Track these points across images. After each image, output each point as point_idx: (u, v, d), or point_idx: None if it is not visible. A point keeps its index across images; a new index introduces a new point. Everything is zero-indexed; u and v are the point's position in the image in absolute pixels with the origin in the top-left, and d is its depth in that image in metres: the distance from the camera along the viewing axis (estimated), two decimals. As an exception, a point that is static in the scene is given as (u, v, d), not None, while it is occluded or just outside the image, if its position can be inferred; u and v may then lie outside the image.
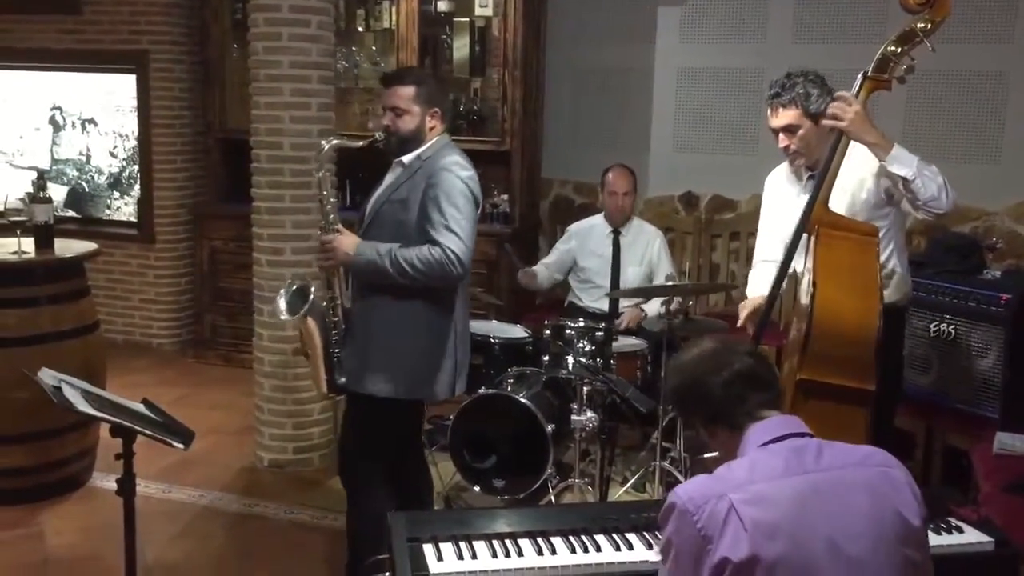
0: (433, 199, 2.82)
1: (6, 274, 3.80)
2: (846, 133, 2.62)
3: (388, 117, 2.96)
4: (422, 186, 2.86)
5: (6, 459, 3.80)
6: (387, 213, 2.94)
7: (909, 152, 2.63)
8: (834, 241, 2.54)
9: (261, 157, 4.22)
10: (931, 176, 2.60)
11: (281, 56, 4.11)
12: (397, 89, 2.95)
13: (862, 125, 2.60)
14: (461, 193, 2.84)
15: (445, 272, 2.79)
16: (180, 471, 4.21)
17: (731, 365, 1.78)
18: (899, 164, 2.60)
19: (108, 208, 6.40)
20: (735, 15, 5.35)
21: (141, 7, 5.95)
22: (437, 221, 2.81)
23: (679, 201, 5.65)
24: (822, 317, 2.42)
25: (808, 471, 1.65)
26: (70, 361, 3.67)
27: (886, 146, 2.62)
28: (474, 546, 2.11)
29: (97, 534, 3.63)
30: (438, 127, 2.99)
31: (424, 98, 2.94)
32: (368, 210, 3.02)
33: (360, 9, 5.63)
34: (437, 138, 2.98)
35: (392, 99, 2.95)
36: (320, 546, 3.63)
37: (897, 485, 1.67)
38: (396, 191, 2.94)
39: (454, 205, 2.81)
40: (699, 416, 1.84)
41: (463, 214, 2.83)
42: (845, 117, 2.59)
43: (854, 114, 2.58)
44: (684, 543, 1.62)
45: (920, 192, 2.60)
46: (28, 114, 6.43)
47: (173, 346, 6.26)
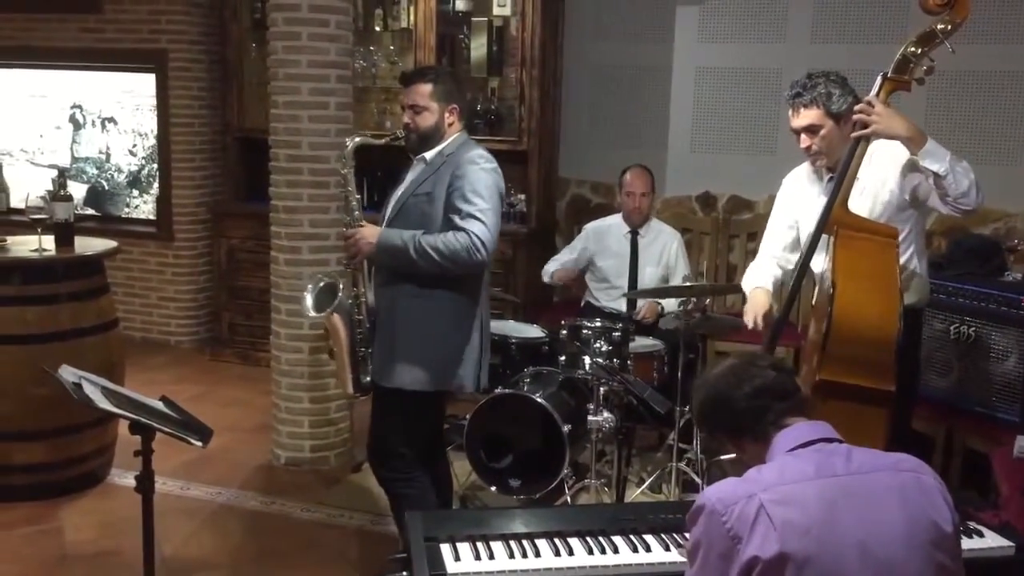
0: (458, 189, 2.86)
1: (27, 271, 3.83)
2: (878, 135, 2.60)
3: (408, 115, 3.00)
4: (447, 179, 2.90)
5: (26, 455, 3.83)
6: (412, 206, 2.97)
7: (942, 147, 2.61)
8: (854, 242, 2.53)
9: (279, 156, 4.24)
10: (963, 172, 2.59)
11: (300, 55, 4.12)
12: (416, 87, 2.98)
13: (890, 122, 2.59)
14: (486, 184, 2.88)
15: (469, 257, 2.81)
16: (197, 468, 4.23)
17: (753, 378, 1.80)
18: (932, 158, 2.58)
19: (127, 206, 6.44)
20: (754, 15, 5.32)
21: (161, 6, 5.99)
22: (462, 209, 2.84)
23: (696, 201, 5.63)
24: (841, 318, 2.41)
25: (838, 474, 1.65)
26: (90, 358, 3.70)
27: (919, 140, 2.61)
28: (491, 546, 2.11)
29: (115, 530, 3.65)
30: (456, 123, 3.03)
31: (442, 95, 2.98)
32: (391, 206, 3.05)
33: (378, 8, 5.64)
34: (457, 135, 3.02)
35: (411, 97, 2.99)
36: (337, 544, 3.64)
37: (929, 491, 1.67)
38: (420, 185, 2.98)
39: (479, 195, 2.85)
40: (725, 430, 1.86)
41: (488, 203, 2.86)
42: (871, 120, 2.58)
43: (879, 115, 2.57)
44: (713, 544, 1.63)
45: (951, 188, 2.58)
46: (49, 112, 6.48)
47: (191, 344, 6.30)
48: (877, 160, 2.73)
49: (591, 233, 4.79)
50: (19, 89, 6.54)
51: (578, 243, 4.83)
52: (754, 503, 1.59)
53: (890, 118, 2.59)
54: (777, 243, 3.14)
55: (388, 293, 2.99)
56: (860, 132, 2.63)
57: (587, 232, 4.82)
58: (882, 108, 2.58)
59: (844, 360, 2.40)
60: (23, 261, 3.85)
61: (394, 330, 2.95)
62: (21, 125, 6.58)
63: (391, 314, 2.97)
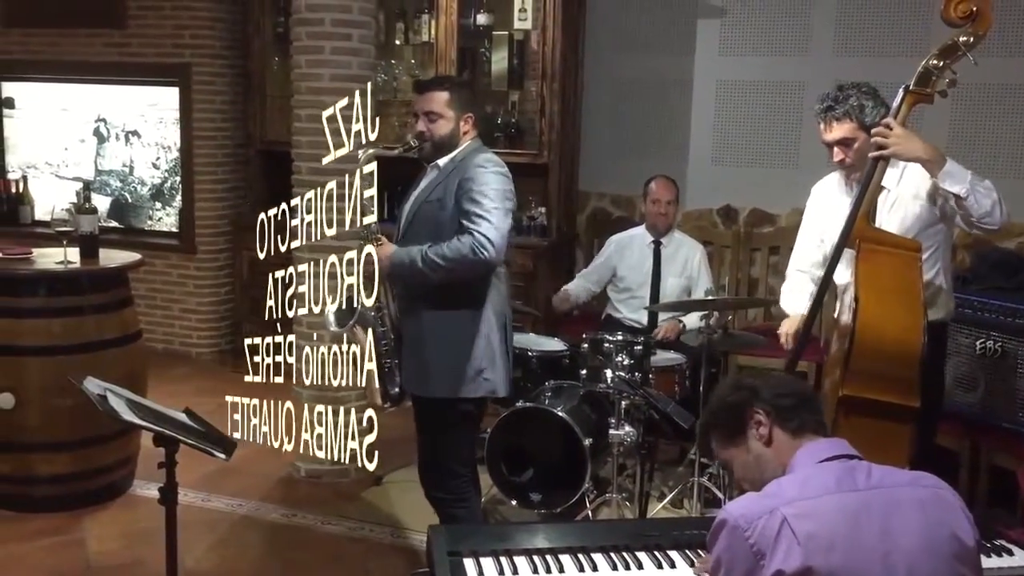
0: (466, 192, 2.85)
1: (53, 283, 3.86)
2: (895, 157, 2.58)
3: (422, 122, 2.97)
4: (456, 184, 2.89)
5: (50, 466, 3.85)
6: (424, 214, 2.97)
7: (963, 167, 2.58)
8: (877, 256, 2.51)
9: (302, 169, 4.26)
10: (985, 192, 2.56)
11: (323, 69, 4.15)
12: (432, 94, 2.97)
13: (908, 145, 2.57)
14: (492, 185, 2.86)
15: (476, 257, 2.79)
16: (219, 480, 4.24)
17: (784, 383, 1.85)
18: (952, 180, 2.56)
19: (150, 219, 6.49)
20: (776, 28, 5.32)
21: (185, 21, 6.04)
22: (469, 211, 2.83)
23: (718, 214, 5.61)
24: (865, 333, 2.38)
25: (859, 489, 1.66)
26: (113, 369, 3.72)
27: (938, 161, 2.58)
28: (515, 561, 2.10)
29: (138, 541, 3.66)
30: (471, 132, 3.01)
31: (458, 103, 2.97)
32: (405, 213, 3.05)
33: (399, 23, 5.67)
34: (470, 142, 3.00)
35: (427, 104, 2.97)
36: (358, 557, 3.63)
37: (949, 506, 1.67)
38: (432, 192, 2.97)
39: (485, 196, 2.83)
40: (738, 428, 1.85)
41: (494, 203, 2.83)
42: (889, 143, 2.56)
43: (896, 137, 2.55)
44: (736, 560, 1.63)
45: (973, 208, 2.56)
46: (73, 126, 6.55)
47: (212, 355, 6.32)
48: (909, 174, 2.71)
49: (614, 244, 4.79)
50: (44, 103, 6.62)
51: (602, 254, 4.83)
52: (777, 517, 1.60)
53: (908, 140, 2.57)
54: (807, 256, 3.12)
55: (409, 306, 3.00)
56: (877, 154, 2.62)
57: (610, 243, 4.82)
58: (900, 130, 2.56)
59: (868, 375, 2.37)
60: (49, 273, 3.88)
61: (422, 341, 2.96)
62: (46, 138, 6.65)
63: (416, 326, 2.98)
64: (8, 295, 3.82)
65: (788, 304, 3.20)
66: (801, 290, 3.15)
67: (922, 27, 4.85)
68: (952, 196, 2.58)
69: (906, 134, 2.56)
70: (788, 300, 3.21)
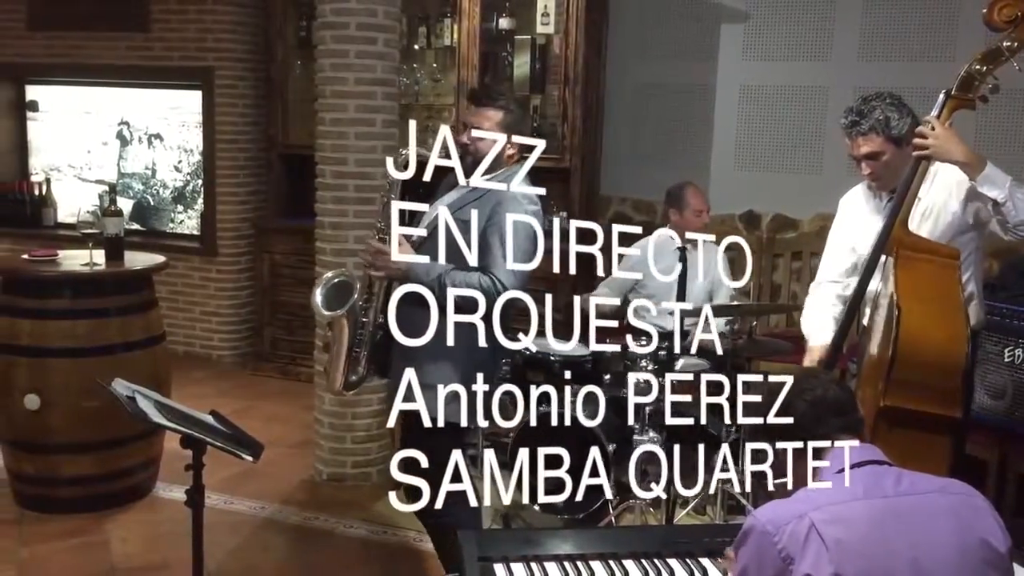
0: (496, 226, 2.73)
1: (78, 285, 3.88)
2: (934, 158, 2.56)
3: (468, 135, 2.85)
4: (487, 212, 2.76)
5: (74, 467, 3.87)
6: (448, 229, 2.88)
7: (1003, 172, 2.56)
8: (915, 264, 2.48)
9: (326, 173, 4.27)
10: (1023, 198, 2.53)
11: (347, 73, 4.16)
12: (486, 111, 2.87)
13: (948, 146, 2.54)
14: (523, 228, 2.64)
15: (490, 302, 2.68)
16: (240, 483, 4.24)
17: (814, 389, 1.82)
18: (990, 185, 2.53)
19: (172, 221, 6.52)
20: (799, 32, 5.30)
21: (208, 24, 6.07)
22: (495, 251, 2.71)
23: (740, 220, 5.59)
24: (907, 342, 2.35)
25: (887, 496, 1.65)
26: (138, 371, 3.72)
27: (978, 165, 2.55)
28: (545, 567, 2.09)
29: (162, 543, 3.67)
30: (515, 156, 2.90)
31: (510, 124, 2.86)
32: (426, 221, 2.97)
33: (422, 27, 5.69)
34: (513, 167, 2.84)
35: (478, 119, 2.87)
36: (382, 561, 3.63)
37: (980, 513, 1.67)
38: (460, 211, 2.80)
39: (515, 239, 2.66)
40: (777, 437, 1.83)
41: (521, 250, 2.62)
42: (928, 143, 2.53)
43: (936, 138, 2.52)
44: (764, 565, 1.63)
45: (1011, 215, 2.52)
46: (96, 129, 6.59)
47: (233, 358, 6.34)
48: (940, 180, 2.69)
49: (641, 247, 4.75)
50: (68, 106, 6.67)
51: (624, 265, 4.79)
52: (805, 523, 1.60)
53: (948, 141, 2.54)
54: (836, 267, 3.07)
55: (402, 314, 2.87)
56: (918, 153, 2.59)
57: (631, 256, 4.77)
58: (941, 131, 2.53)
59: (910, 386, 2.35)
60: (74, 275, 3.90)
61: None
62: (69, 141, 6.69)
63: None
64: (34, 297, 3.84)
65: (811, 328, 3.07)
66: (825, 310, 3.04)
67: (948, 31, 4.82)
68: (990, 201, 2.55)
69: (947, 135, 2.54)
70: (811, 323, 3.08)
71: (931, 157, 2.57)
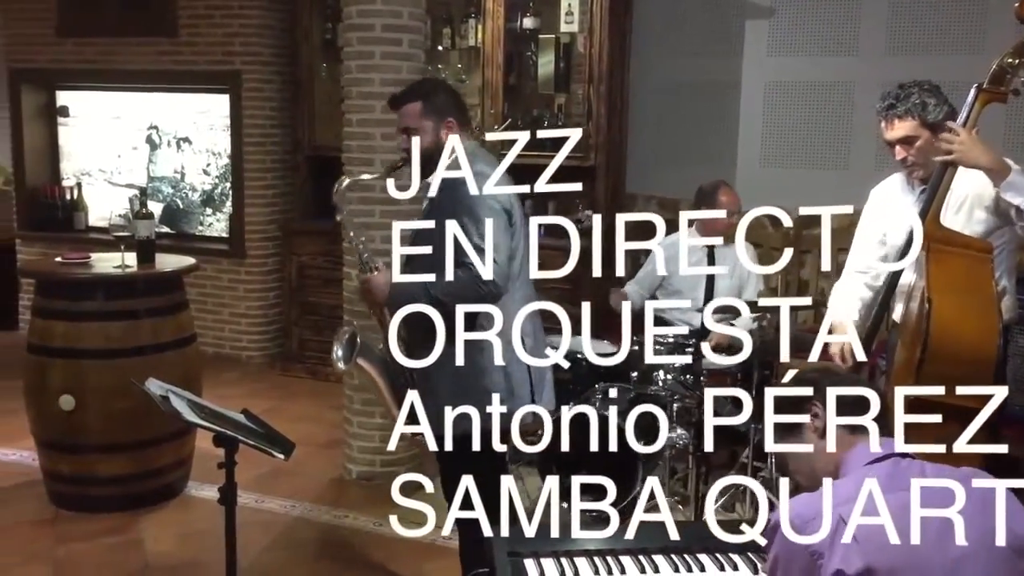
0: (456, 217, 2.54)
1: (111, 287, 3.94)
2: (959, 163, 2.54)
3: (403, 139, 2.85)
4: (442, 207, 2.63)
5: (109, 467, 3.92)
6: (422, 239, 2.61)
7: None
8: (948, 257, 2.46)
9: (352, 173, 4.29)
10: None
11: (373, 74, 4.18)
12: (404, 108, 2.86)
13: (972, 152, 2.53)
14: (481, 205, 2.67)
15: (477, 289, 2.65)
16: (271, 482, 4.28)
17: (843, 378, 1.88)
18: (1014, 192, 2.50)
19: (201, 224, 6.59)
20: (826, 27, 5.26)
21: (235, 29, 6.13)
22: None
23: (766, 217, 5.55)
24: (939, 336, 2.34)
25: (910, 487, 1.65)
26: (170, 372, 3.75)
27: (1002, 171, 2.53)
28: (576, 563, 2.10)
29: (195, 541, 3.72)
30: (457, 136, 2.78)
31: (434, 110, 2.83)
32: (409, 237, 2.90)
33: (446, 28, 5.71)
34: (455, 148, 2.60)
35: (402, 120, 2.86)
36: (412, 559, 3.64)
37: (1006, 502, 1.67)
38: (428, 214, 2.81)
39: (476, 220, 2.64)
40: None
41: (486, 226, 2.59)
42: (953, 148, 2.52)
43: (960, 144, 2.51)
44: (793, 560, 1.64)
45: None
46: (126, 133, 6.68)
47: (262, 359, 6.40)
48: (975, 175, 2.67)
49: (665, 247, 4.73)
50: (98, 111, 6.76)
51: (651, 261, 4.78)
52: (833, 517, 1.60)
53: (973, 147, 2.53)
54: (865, 257, 3.06)
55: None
56: (943, 158, 2.58)
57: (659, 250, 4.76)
58: (966, 136, 2.52)
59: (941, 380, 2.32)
60: (107, 277, 3.95)
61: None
62: (100, 146, 6.78)
63: None
64: (68, 299, 3.90)
65: (836, 305, 3.10)
66: (852, 296, 3.06)
67: (978, 24, 4.77)
68: (1013, 208, 2.53)
69: (971, 140, 2.52)
70: (836, 301, 3.10)
71: (956, 163, 2.55)
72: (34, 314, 4.03)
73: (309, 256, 6.00)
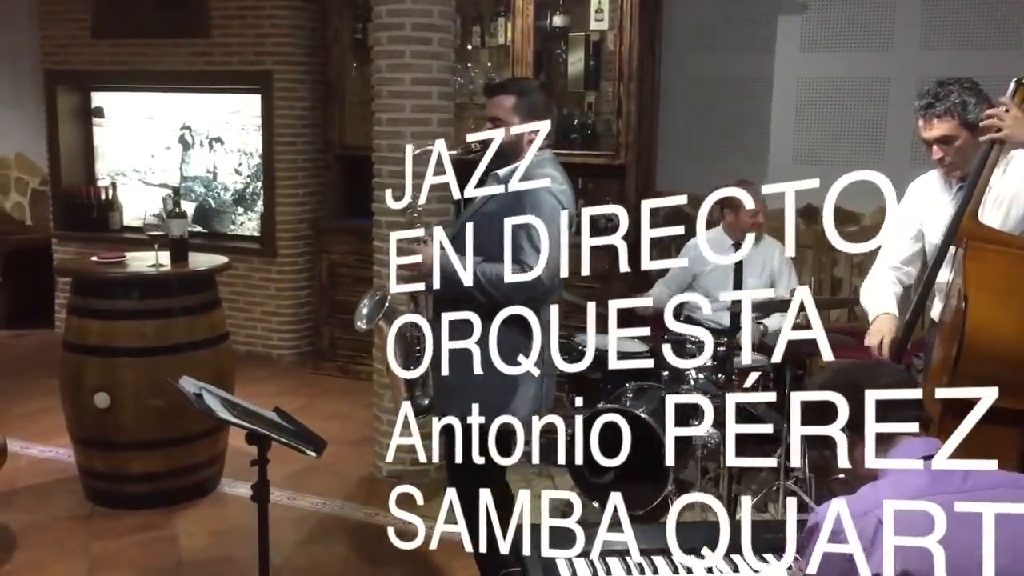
0: (521, 216, 2.53)
1: (146, 286, 3.98)
2: (1007, 140, 2.49)
3: (488, 128, 2.86)
4: (512, 202, 2.66)
5: (143, 464, 3.97)
6: (476, 226, 2.82)
7: None
8: (986, 255, 2.41)
9: (383, 172, 4.31)
10: None
11: (403, 73, 4.19)
12: (497, 99, 2.88)
13: (1022, 129, 2.47)
14: (548, 212, 2.67)
15: (525, 292, 2.61)
16: (302, 479, 4.31)
17: (887, 376, 1.78)
18: None
19: (232, 223, 6.64)
20: (859, 22, 5.20)
21: (267, 29, 6.18)
22: (522, 240, 2.66)
23: (799, 214, 5.50)
24: (975, 335, 2.30)
25: (952, 492, 1.62)
26: (203, 370, 3.79)
27: None
28: (608, 562, 2.09)
29: (228, 538, 3.75)
30: (539, 141, 2.71)
31: (525, 109, 2.84)
32: (459, 220, 2.95)
33: (476, 26, 5.71)
34: (537, 152, 2.70)
35: (492, 109, 2.89)
36: (442, 557, 3.65)
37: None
38: (486, 204, 2.83)
39: (540, 223, 2.54)
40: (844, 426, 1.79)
41: (548, 232, 2.49)
42: (1003, 125, 2.47)
43: (1013, 120, 2.45)
44: (831, 563, 1.60)
45: None
46: (159, 134, 6.75)
47: (293, 357, 6.44)
48: (1012, 169, 2.62)
49: (692, 247, 4.72)
50: (132, 112, 6.84)
51: (681, 259, 4.76)
52: (871, 520, 1.58)
53: (1022, 125, 2.47)
54: (898, 254, 3.02)
55: None
56: (990, 136, 2.52)
57: (689, 248, 4.75)
58: (1016, 112, 2.46)
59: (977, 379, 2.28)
60: (142, 276, 4.00)
61: None
62: (134, 146, 6.86)
63: None
64: (103, 298, 3.95)
65: (871, 301, 3.04)
66: (886, 289, 3.01)
67: (1015, 18, 4.69)
68: None
69: (1021, 118, 2.46)
70: (870, 297, 3.05)
71: (1003, 140, 2.50)
72: (70, 313, 4.08)
73: (340, 255, 6.03)
